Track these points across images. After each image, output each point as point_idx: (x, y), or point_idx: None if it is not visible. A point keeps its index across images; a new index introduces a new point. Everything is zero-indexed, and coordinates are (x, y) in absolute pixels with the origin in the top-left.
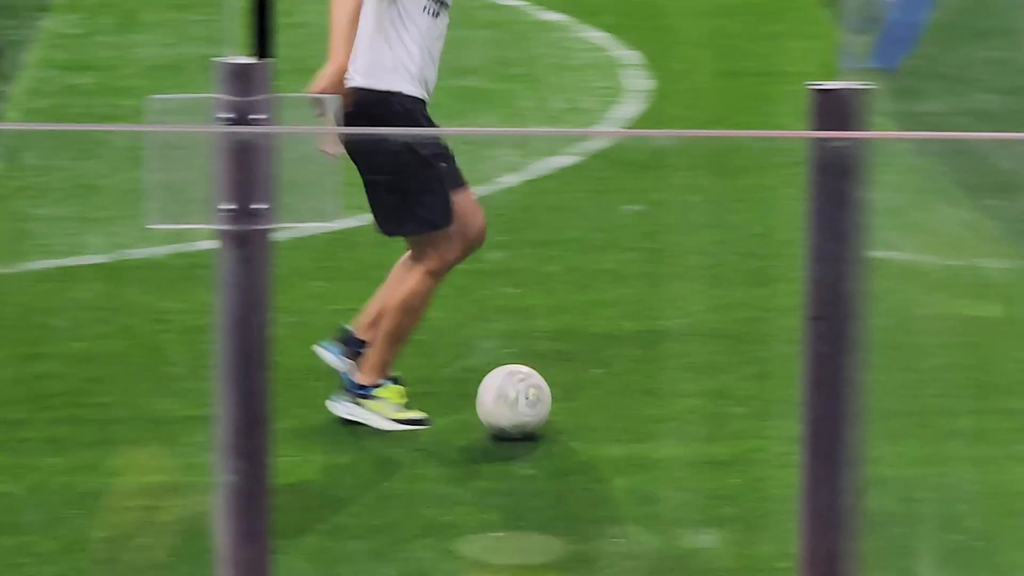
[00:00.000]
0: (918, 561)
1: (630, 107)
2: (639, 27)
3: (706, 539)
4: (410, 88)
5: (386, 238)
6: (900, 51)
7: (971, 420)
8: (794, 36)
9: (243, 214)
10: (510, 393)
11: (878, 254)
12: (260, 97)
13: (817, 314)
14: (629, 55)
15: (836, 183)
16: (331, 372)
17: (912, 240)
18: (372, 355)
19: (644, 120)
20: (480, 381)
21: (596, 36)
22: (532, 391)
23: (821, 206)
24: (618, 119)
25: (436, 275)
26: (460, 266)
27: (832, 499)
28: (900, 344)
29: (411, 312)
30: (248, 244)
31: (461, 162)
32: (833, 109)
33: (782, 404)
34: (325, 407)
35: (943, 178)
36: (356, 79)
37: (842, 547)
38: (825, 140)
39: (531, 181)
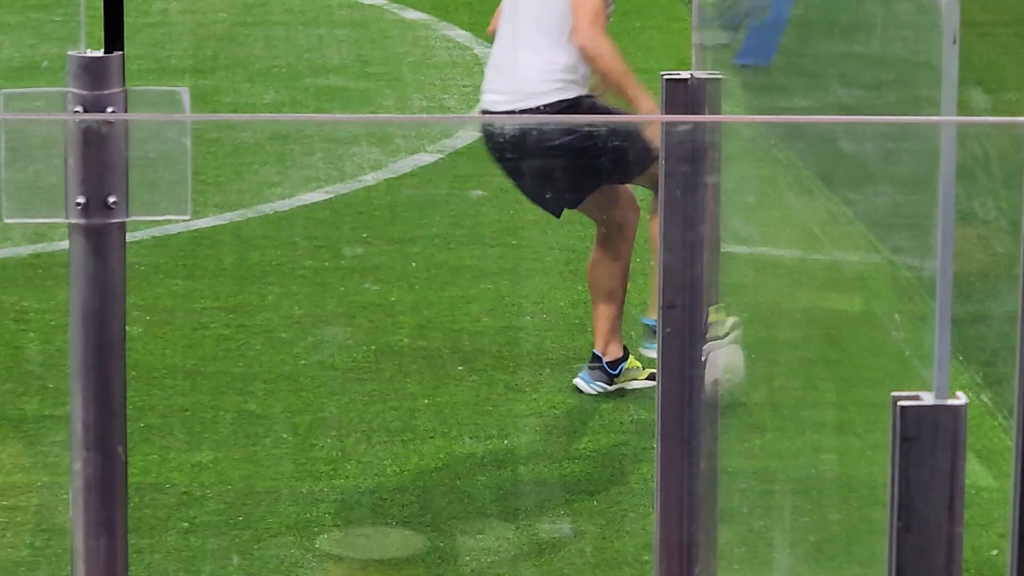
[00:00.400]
0: (777, 552)
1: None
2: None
3: (568, 532)
4: None
5: None
6: (772, 47)
7: (832, 411)
8: (656, 30)
9: (96, 207)
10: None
11: (738, 248)
12: (113, 90)
13: (670, 303)
14: (486, 51)
15: (686, 168)
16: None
17: (771, 233)
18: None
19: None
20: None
21: (458, 35)
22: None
23: (672, 193)
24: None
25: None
26: (322, 263)
27: (686, 488)
28: (760, 337)
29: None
30: (101, 237)
31: (323, 160)
32: (684, 98)
33: None
34: (183, 405)
35: (803, 171)
36: None
37: (697, 536)
38: (674, 126)
39: (393, 179)
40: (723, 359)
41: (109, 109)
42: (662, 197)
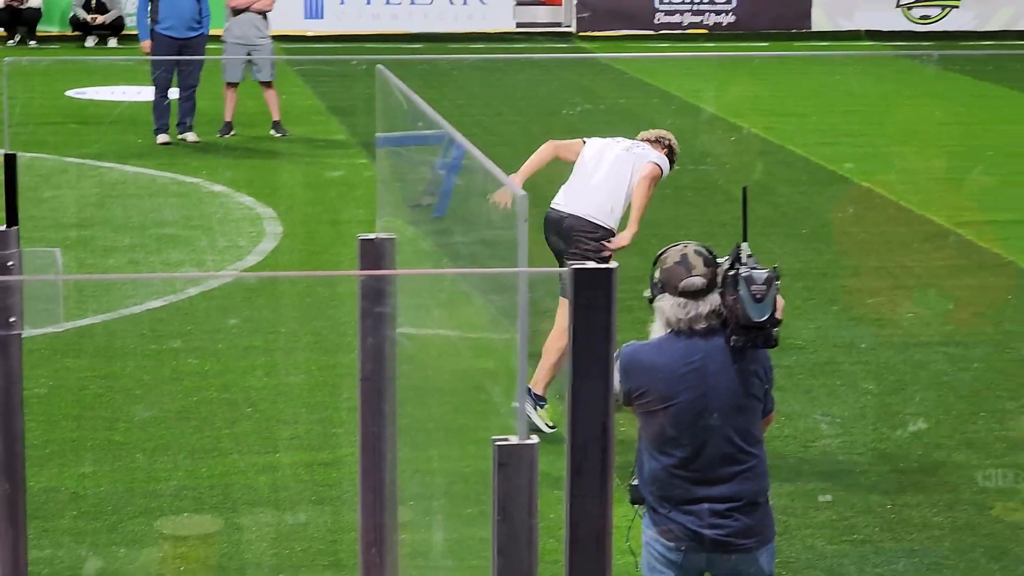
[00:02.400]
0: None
1: (268, 243)
2: (274, 194)
3: (317, 514)
4: None
5: None
6: (446, 204)
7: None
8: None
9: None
10: None
11: (412, 331)
12: (11, 251)
13: (366, 375)
14: (267, 211)
15: (375, 303)
16: None
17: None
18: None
19: (275, 252)
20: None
21: (246, 200)
22: None
23: (367, 306)
24: (261, 251)
25: None
26: (161, 346)
27: (380, 485)
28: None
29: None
30: (4, 346)
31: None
32: (373, 251)
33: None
34: (73, 437)
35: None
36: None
37: (388, 521)
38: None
39: (207, 290)
40: None
41: (9, 263)
42: (361, 308)
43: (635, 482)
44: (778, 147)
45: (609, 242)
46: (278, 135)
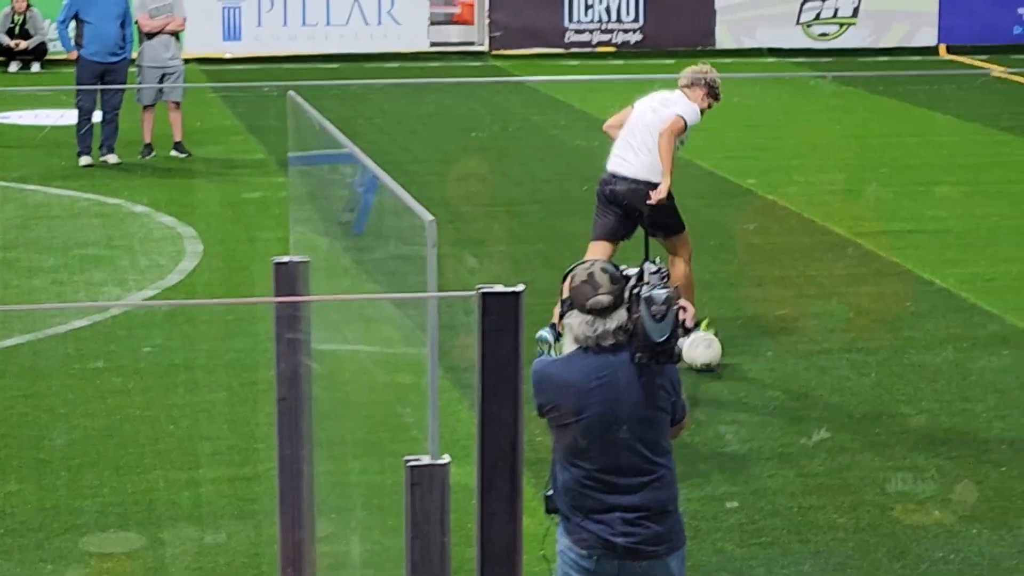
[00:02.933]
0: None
1: (189, 262)
2: (194, 213)
3: (239, 528)
4: None
5: None
6: (364, 220)
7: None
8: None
9: None
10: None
11: (331, 347)
12: None
13: (282, 396)
14: (187, 230)
15: (289, 327)
16: None
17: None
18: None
19: (196, 271)
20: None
21: (166, 220)
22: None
23: (281, 330)
24: (182, 270)
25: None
26: (84, 365)
27: (297, 503)
28: (339, 401)
29: (689, 281)
30: None
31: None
32: (286, 275)
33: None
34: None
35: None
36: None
37: (306, 537)
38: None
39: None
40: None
41: None
42: (276, 334)
43: (550, 492)
44: (686, 162)
45: (649, 197)
46: (181, 155)
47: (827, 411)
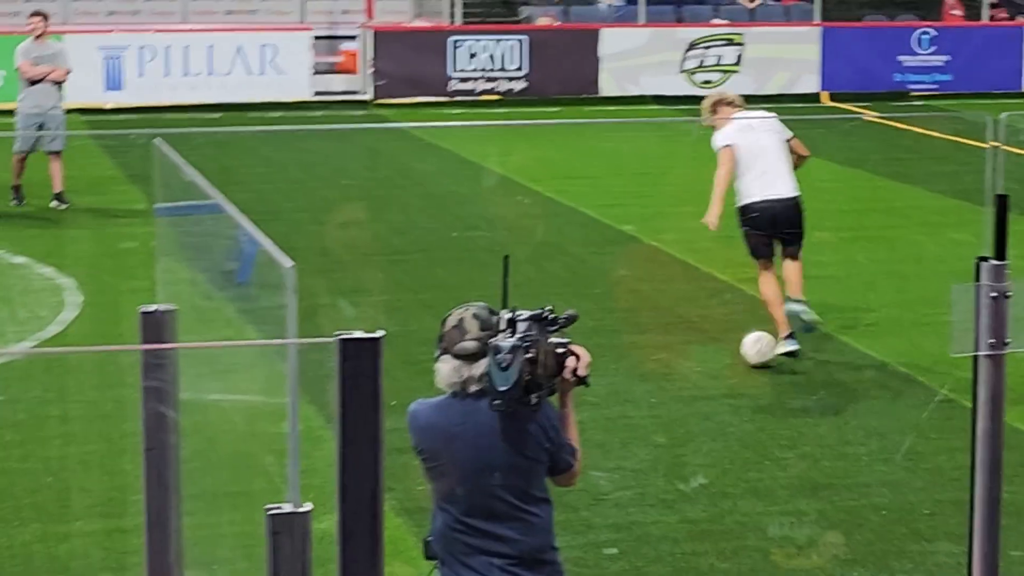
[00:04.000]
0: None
1: (69, 313)
2: (74, 263)
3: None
4: None
5: None
6: (249, 270)
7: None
8: None
9: None
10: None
11: (200, 396)
12: None
13: (149, 446)
14: (68, 281)
15: (155, 375)
16: None
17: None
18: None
19: (76, 322)
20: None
21: (46, 271)
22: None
23: (148, 378)
24: (62, 321)
25: None
26: None
27: (165, 554)
28: (208, 450)
29: (765, 297)
30: None
31: None
32: (154, 324)
33: None
34: None
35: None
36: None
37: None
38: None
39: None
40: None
41: None
42: (144, 383)
43: (429, 538)
44: (569, 209)
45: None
46: (61, 206)
47: (709, 456)
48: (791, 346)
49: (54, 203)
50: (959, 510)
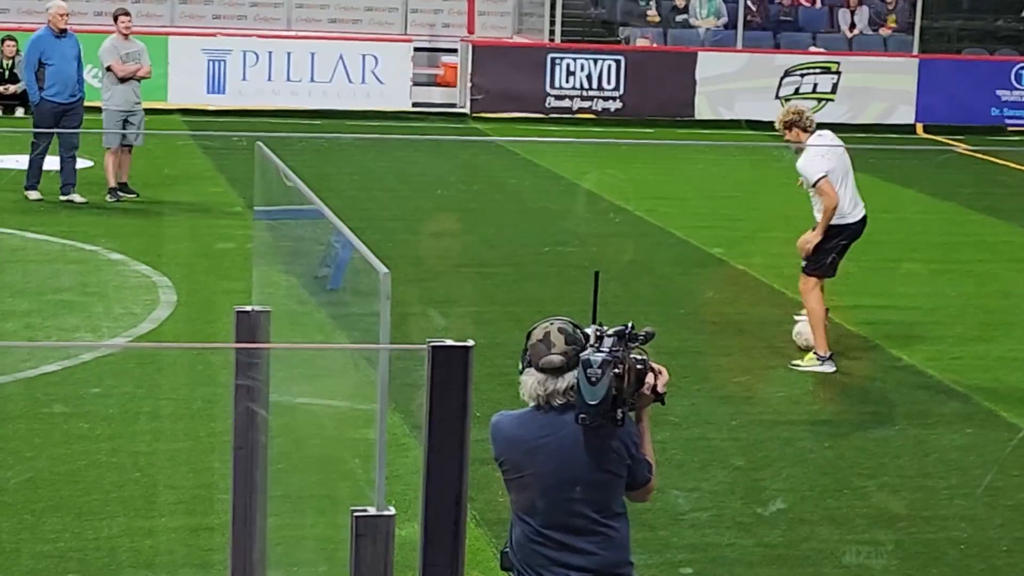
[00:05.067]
0: None
1: (163, 311)
2: (170, 262)
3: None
4: None
5: None
6: (341, 276)
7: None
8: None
9: None
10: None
11: (290, 398)
12: None
13: (239, 445)
14: (163, 279)
15: (247, 374)
16: None
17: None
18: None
19: (169, 320)
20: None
21: (143, 268)
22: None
23: (241, 377)
24: (155, 319)
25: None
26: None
27: (250, 553)
28: (293, 454)
29: (818, 314)
30: None
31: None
32: (248, 323)
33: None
34: None
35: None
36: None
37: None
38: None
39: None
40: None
41: None
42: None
43: (506, 549)
44: (659, 229)
45: None
46: (127, 196)
47: (788, 482)
48: (831, 367)
49: (116, 195)
50: None
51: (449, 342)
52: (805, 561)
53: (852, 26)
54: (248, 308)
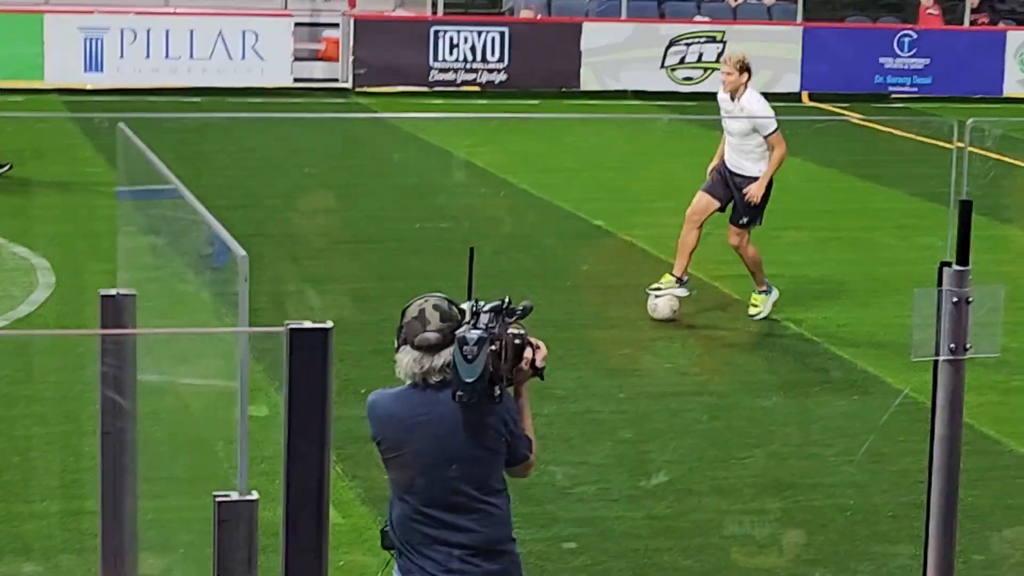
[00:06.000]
0: None
1: (40, 294)
2: (49, 244)
3: (81, 563)
4: None
5: None
6: (225, 255)
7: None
8: None
9: None
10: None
11: (154, 379)
12: None
13: (105, 430)
14: (41, 261)
15: (114, 360)
16: None
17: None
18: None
19: (47, 303)
20: None
21: (20, 250)
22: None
23: (106, 363)
24: (33, 301)
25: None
26: None
27: (120, 537)
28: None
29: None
30: None
31: None
32: (113, 308)
33: None
34: None
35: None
36: None
37: (129, 572)
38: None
39: None
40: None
41: None
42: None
43: (386, 528)
44: (544, 202)
45: None
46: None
47: (675, 453)
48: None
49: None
50: (922, 512)
51: (308, 324)
52: (693, 532)
53: None
54: (113, 292)
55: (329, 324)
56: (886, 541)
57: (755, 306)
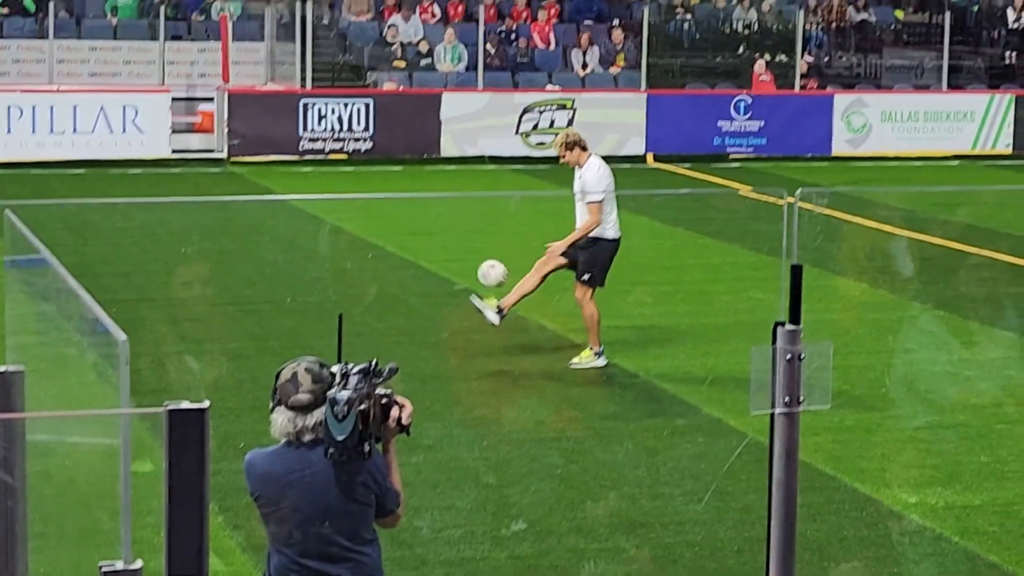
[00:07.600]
0: None
1: None
2: None
3: None
4: None
5: None
6: None
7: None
8: None
9: None
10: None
11: (44, 437)
12: None
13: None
14: None
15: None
16: None
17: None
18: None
19: None
20: None
21: None
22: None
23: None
24: None
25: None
26: None
27: None
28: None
29: (595, 317)
30: None
31: None
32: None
33: None
34: None
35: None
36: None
37: None
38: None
39: None
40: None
41: None
42: None
43: None
44: (410, 263)
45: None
46: None
47: (536, 496)
48: (604, 361)
49: None
50: (764, 547)
51: (186, 404)
52: (554, 570)
53: (584, 65)
54: (1, 369)
55: (206, 404)
56: (732, 575)
57: (580, 358)
